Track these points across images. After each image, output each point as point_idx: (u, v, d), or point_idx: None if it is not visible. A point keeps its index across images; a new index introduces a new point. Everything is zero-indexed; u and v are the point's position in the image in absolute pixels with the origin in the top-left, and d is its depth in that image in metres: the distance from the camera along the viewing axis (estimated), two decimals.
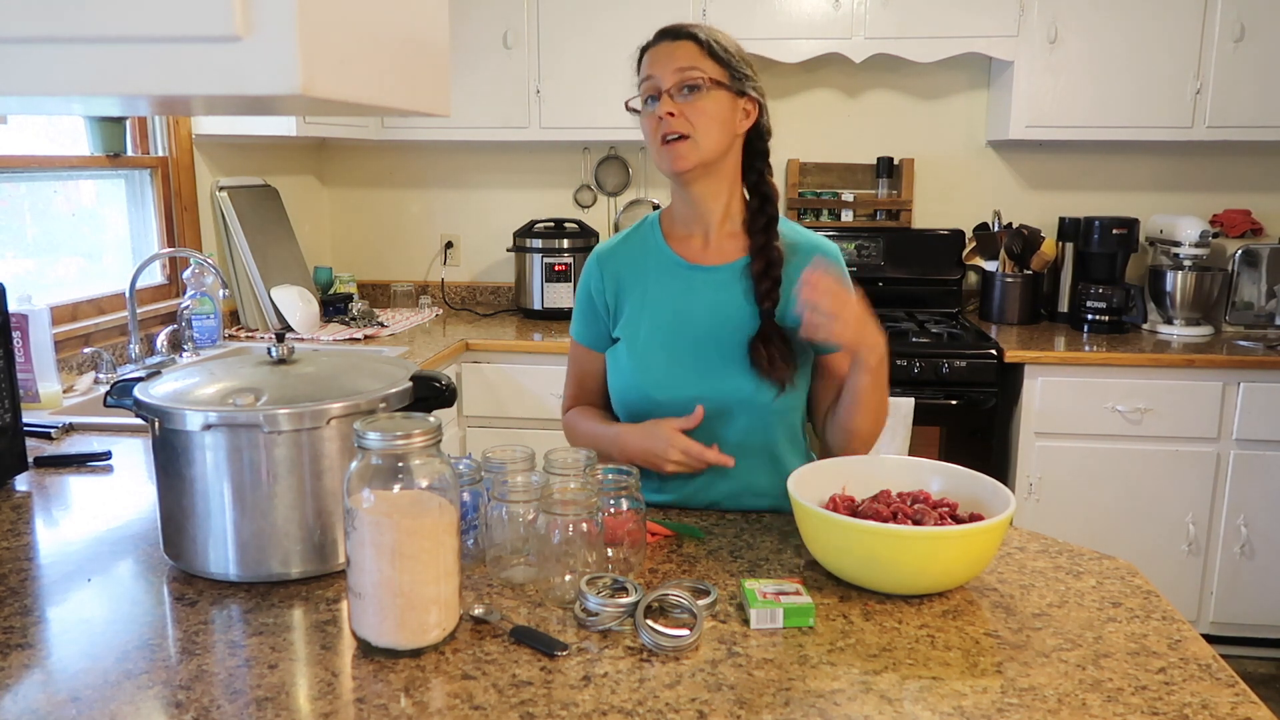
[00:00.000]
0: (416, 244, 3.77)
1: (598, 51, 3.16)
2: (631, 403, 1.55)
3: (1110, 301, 3.12)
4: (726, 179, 1.52)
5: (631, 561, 1.23)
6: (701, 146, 1.45)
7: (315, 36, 0.78)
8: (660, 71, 1.46)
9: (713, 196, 1.52)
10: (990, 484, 1.26)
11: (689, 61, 1.45)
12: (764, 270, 1.48)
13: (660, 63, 1.46)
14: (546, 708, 0.92)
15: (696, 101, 1.44)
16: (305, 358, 1.30)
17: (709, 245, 1.54)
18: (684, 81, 1.44)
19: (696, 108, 1.44)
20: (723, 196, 1.52)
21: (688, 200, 1.53)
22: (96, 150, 2.59)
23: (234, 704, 0.93)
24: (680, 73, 1.44)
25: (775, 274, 1.48)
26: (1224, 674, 1.00)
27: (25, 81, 0.79)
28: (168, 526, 1.23)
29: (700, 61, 1.45)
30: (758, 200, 1.53)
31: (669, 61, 1.46)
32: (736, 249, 1.53)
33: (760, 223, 1.51)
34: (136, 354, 2.53)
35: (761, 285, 1.48)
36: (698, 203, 1.52)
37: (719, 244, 1.54)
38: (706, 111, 1.45)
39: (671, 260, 1.55)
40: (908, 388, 2.88)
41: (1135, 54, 3.01)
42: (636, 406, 1.54)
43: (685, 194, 1.53)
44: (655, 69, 1.47)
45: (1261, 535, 2.89)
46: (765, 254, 1.49)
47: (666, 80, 1.45)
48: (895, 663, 1.02)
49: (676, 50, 1.46)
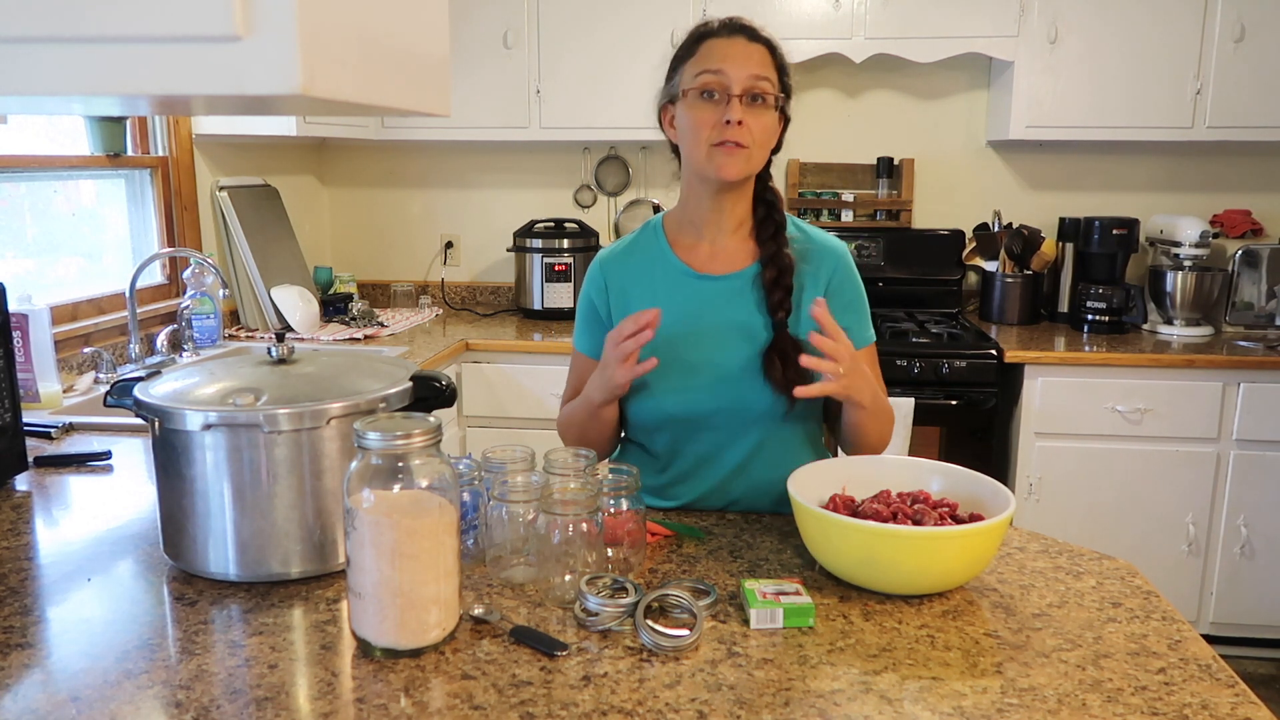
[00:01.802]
0: (416, 244, 3.77)
1: (598, 51, 3.15)
2: (646, 417, 1.52)
3: (1110, 302, 3.12)
4: (747, 191, 1.51)
5: (631, 561, 1.23)
6: (754, 160, 1.42)
7: (315, 36, 0.78)
8: (734, 71, 1.39)
9: (733, 204, 1.49)
10: (990, 484, 1.26)
11: (763, 70, 1.40)
12: (775, 279, 1.46)
13: (735, 61, 1.40)
14: (546, 708, 0.92)
15: (760, 115, 1.40)
16: (305, 358, 1.30)
17: (717, 252, 1.52)
18: (756, 91, 1.39)
19: (760, 121, 1.40)
20: (741, 205, 1.50)
21: (710, 206, 1.49)
22: (96, 150, 2.59)
23: (234, 704, 0.93)
24: (754, 80, 1.39)
25: (786, 282, 1.46)
26: (1224, 674, 1.00)
27: (25, 81, 0.79)
28: (168, 526, 1.23)
29: (771, 73, 1.41)
30: (764, 207, 1.51)
31: (744, 63, 1.39)
32: (745, 256, 1.51)
33: (769, 230, 1.49)
34: (136, 354, 2.53)
35: (774, 295, 1.46)
36: (719, 209, 1.49)
37: (727, 251, 1.51)
38: (766, 126, 1.42)
39: (680, 270, 1.52)
40: (908, 388, 2.88)
41: (1135, 54, 3.01)
42: (650, 420, 1.51)
43: (711, 201, 1.49)
44: (728, 65, 1.39)
45: (1261, 535, 2.89)
46: (776, 262, 1.46)
47: (739, 83, 1.39)
48: (895, 663, 1.02)
49: (753, 53, 1.41)
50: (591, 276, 1.59)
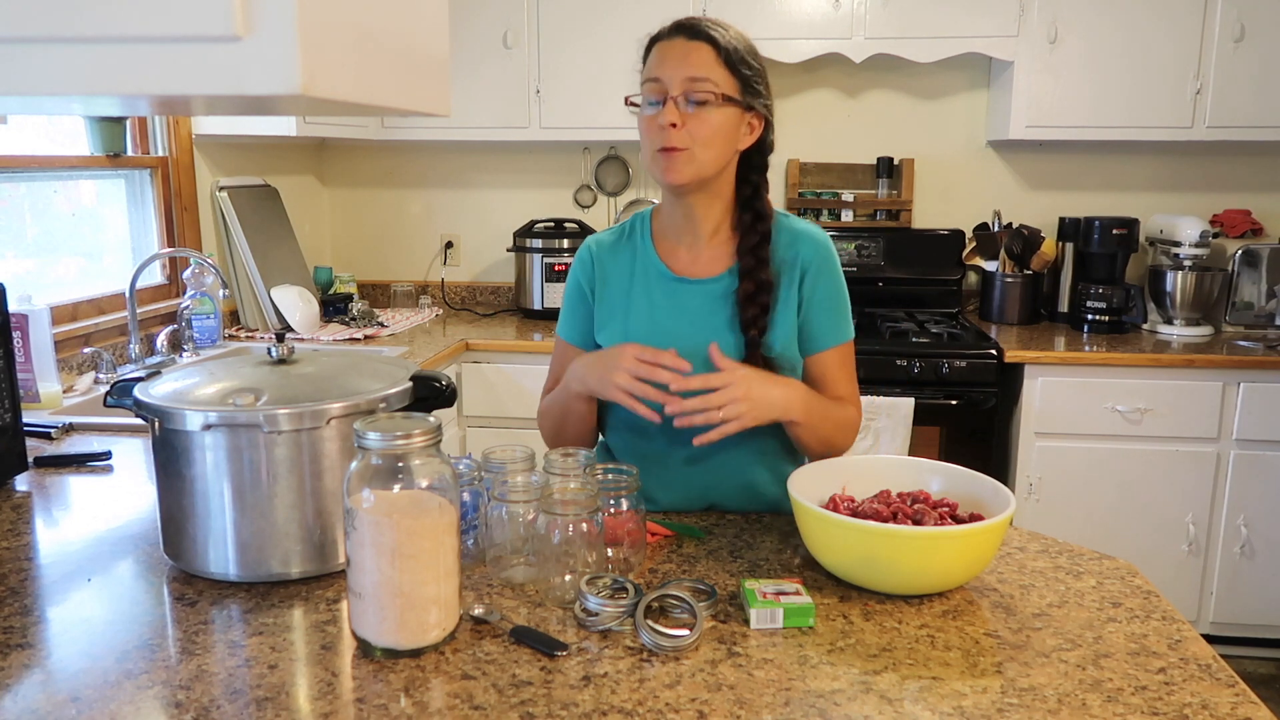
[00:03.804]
0: (416, 244, 3.77)
1: (598, 51, 3.16)
2: (620, 421, 1.51)
3: (1110, 301, 3.12)
4: (721, 193, 1.45)
5: (631, 561, 1.23)
6: (698, 161, 1.37)
7: (315, 36, 0.78)
8: (669, 75, 1.36)
9: (704, 209, 1.45)
10: (990, 484, 1.26)
11: (702, 70, 1.35)
12: (752, 295, 1.42)
13: (671, 64, 1.37)
14: (546, 708, 0.92)
15: (702, 114, 1.35)
16: (305, 358, 1.30)
17: (697, 255, 1.48)
18: (692, 93, 1.35)
19: (701, 120, 1.35)
20: (715, 210, 1.46)
21: (678, 210, 1.47)
22: (96, 150, 2.59)
23: (234, 704, 0.93)
24: (691, 83, 1.35)
25: (763, 300, 1.42)
26: (1224, 674, 1.00)
27: (25, 81, 0.79)
28: (168, 526, 1.23)
29: (714, 70, 1.36)
30: (750, 217, 1.45)
31: (681, 65, 1.36)
32: (725, 259, 1.47)
33: (751, 242, 1.44)
34: (136, 354, 2.53)
35: (748, 311, 1.42)
36: (688, 214, 1.46)
37: (708, 254, 1.48)
38: (711, 125, 1.36)
39: (658, 270, 1.49)
40: (908, 388, 2.88)
41: (1135, 54, 3.01)
42: (624, 425, 1.51)
43: (677, 205, 1.46)
44: (664, 70, 1.37)
45: (1261, 535, 2.89)
46: (754, 276, 1.42)
47: (675, 86, 1.35)
48: (895, 663, 1.02)
49: (691, 53, 1.36)
50: (581, 258, 1.55)
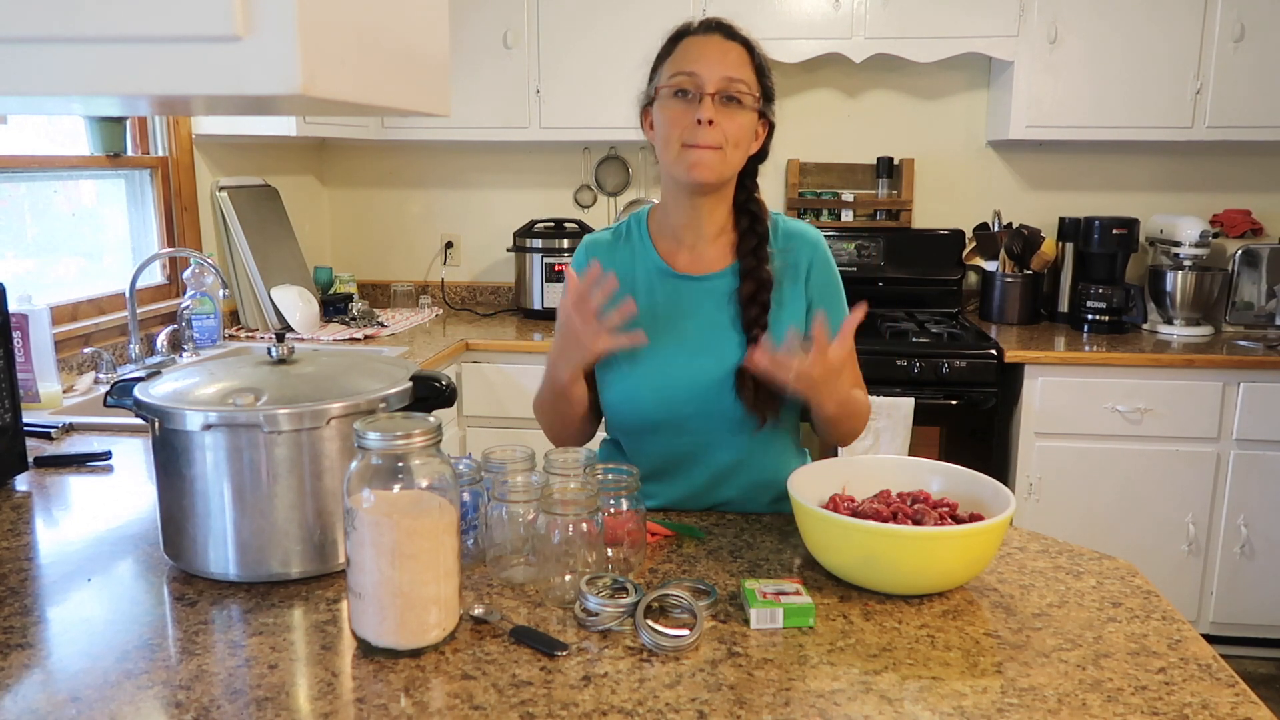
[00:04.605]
0: (416, 244, 3.77)
1: (598, 51, 3.16)
2: (623, 417, 1.51)
3: (1110, 301, 3.12)
4: (727, 195, 1.47)
5: (631, 561, 1.23)
6: (728, 162, 1.38)
7: (315, 36, 0.78)
8: (707, 71, 1.35)
9: (711, 209, 1.46)
10: (990, 484, 1.26)
11: (739, 71, 1.36)
12: (753, 295, 1.43)
13: (709, 61, 1.36)
14: (546, 708, 0.92)
15: (735, 115, 1.36)
16: (305, 358, 1.30)
17: (699, 255, 1.49)
18: (731, 91, 1.35)
19: (735, 122, 1.36)
20: (720, 211, 1.47)
21: (686, 209, 1.47)
22: (96, 150, 2.59)
23: (234, 704, 0.93)
24: (729, 81, 1.35)
25: (764, 299, 1.43)
26: (1224, 674, 1.00)
27: (25, 81, 0.79)
28: (168, 526, 1.23)
29: (747, 73, 1.37)
30: (747, 219, 1.47)
31: (719, 63, 1.36)
32: (725, 258, 1.48)
33: (750, 243, 1.45)
34: (136, 354, 2.53)
35: (750, 311, 1.43)
36: (696, 214, 1.46)
37: (708, 253, 1.49)
38: (742, 127, 1.37)
39: (659, 267, 1.50)
40: (908, 388, 2.88)
41: (1135, 54, 3.01)
42: (631, 423, 1.50)
43: (688, 204, 1.46)
44: (701, 66, 1.36)
45: (1261, 535, 2.89)
46: (755, 276, 1.43)
47: (712, 82, 1.35)
48: (895, 663, 1.02)
49: (730, 53, 1.37)
50: (579, 258, 1.56)
